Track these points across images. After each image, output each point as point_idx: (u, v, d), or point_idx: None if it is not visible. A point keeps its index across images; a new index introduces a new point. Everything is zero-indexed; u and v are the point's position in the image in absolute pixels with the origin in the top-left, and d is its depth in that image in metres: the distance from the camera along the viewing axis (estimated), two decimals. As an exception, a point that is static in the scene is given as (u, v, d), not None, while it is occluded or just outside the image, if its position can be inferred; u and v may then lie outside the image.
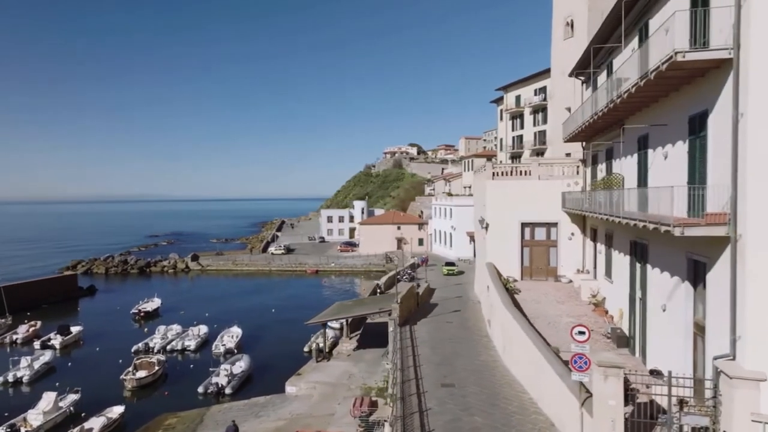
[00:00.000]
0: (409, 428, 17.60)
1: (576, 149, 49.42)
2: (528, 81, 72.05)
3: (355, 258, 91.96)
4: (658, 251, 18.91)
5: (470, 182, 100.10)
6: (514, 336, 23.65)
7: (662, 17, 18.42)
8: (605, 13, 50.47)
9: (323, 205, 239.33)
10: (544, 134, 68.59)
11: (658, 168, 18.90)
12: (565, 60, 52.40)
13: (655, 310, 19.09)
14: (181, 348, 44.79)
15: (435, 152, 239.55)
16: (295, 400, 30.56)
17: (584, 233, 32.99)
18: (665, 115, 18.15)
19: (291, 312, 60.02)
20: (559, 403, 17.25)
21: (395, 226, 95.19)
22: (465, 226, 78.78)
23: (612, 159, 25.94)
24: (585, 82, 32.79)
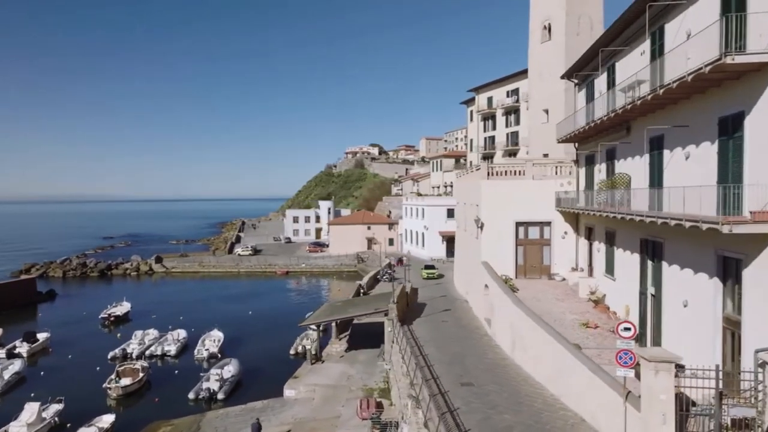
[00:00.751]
0: (445, 427, 17.43)
1: (554, 150, 50.66)
2: (500, 83, 73.24)
3: (326, 258, 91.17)
4: (676, 248, 19.48)
5: (439, 182, 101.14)
6: (527, 334, 23.93)
7: (681, 22, 19.00)
8: (582, 18, 51.72)
9: (284, 205, 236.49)
10: (516, 135, 69.89)
11: (677, 168, 19.47)
12: (542, 63, 53.69)
13: (673, 306, 19.67)
14: (161, 353, 43.18)
15: (396, 152, 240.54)
16: (296, 404, 29.92)
17: (577, 232, 33.73)
18: (685, 117, 18.70)
19: (269, 314, 59.06)
20: (592, 399, 17.53)
21: (365, 226, 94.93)
22: (437, 226, 79.53)
23: (614, 159, 26.59)
24: (578, 85, 33.43)
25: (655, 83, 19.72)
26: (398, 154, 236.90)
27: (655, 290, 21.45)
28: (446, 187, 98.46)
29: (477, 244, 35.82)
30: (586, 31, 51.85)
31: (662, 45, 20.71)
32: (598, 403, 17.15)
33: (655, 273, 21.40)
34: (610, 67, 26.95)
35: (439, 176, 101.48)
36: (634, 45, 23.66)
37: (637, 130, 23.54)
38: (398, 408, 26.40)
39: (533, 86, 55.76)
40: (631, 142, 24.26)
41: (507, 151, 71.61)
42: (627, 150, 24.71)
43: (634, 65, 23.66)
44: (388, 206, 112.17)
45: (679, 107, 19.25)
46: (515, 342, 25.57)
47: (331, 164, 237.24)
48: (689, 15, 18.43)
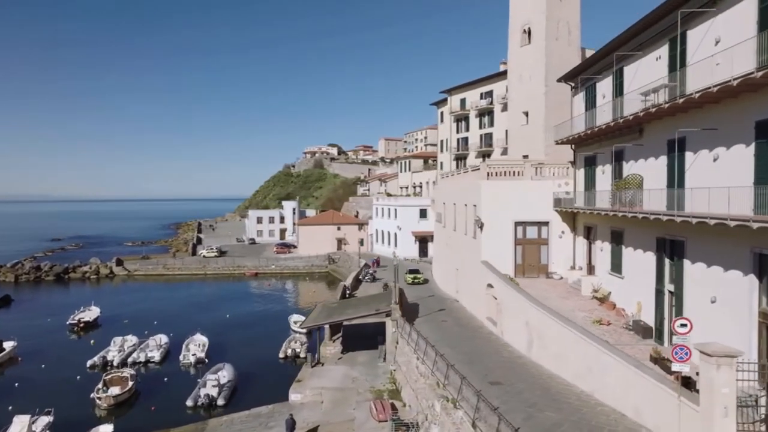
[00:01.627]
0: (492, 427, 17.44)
1: (534, 152, 51.79)
2: (474, 85, 74.18)
3: (296, 259, 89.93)
4: (701, 247, 20.22)
5: (407, 183, 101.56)
6: (548, 332, 24.32)
7: (708, 29, 19.74)
8: (560, 23, 52.89)
9: (241, 205, 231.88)
10: (490, 137, 70.97)
11: (702, 169, 20.21)
12: (522, 66, 54.77)
13: (698, 302, 20.41)
14: (144, 360, 41.40)
15: (356, 153, 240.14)
16: (303, 408, 29.29)
17: (575, 231, 34.59)
18: (714, 120, 19.44)
19: (247, 317, 57.77)
20: (634, 394, 17.98)
21: (335, 226, 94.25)
22: (410, 226, 79.85)
23: (622, 161, 27.38)
24: (575, 88, 34.26)
25: (682, 87, 20.48)
26: (358, 154, 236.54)
27: (676, 288, 22.21)
28: (415, 187, 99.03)
29: (475, 244, 36.13)
30: (564, 35, 53.32)
31: (684, 51, 21.48)
32: (642, 398, 17.60)
33: (676, 271, 22.15)
34: (617, 71, 27.72)
35: (408, 177, 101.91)
36: (648, 50, 24.41)
37: (651, 133, 24.34)
38: (414, 409, 26.33)
39: (513, 89, 56.75)
40: (643, 144, 25.05)
41: (480, 153, 72.62)
42: (639, 152, 25.48)
43: (647, 70, 24.48)
44: (355, 206, 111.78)
45: (705, 111, 19.96)
46: (533, 340, 25.94)
47: (290, 164, 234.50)
48: (718, 23, 19.16)
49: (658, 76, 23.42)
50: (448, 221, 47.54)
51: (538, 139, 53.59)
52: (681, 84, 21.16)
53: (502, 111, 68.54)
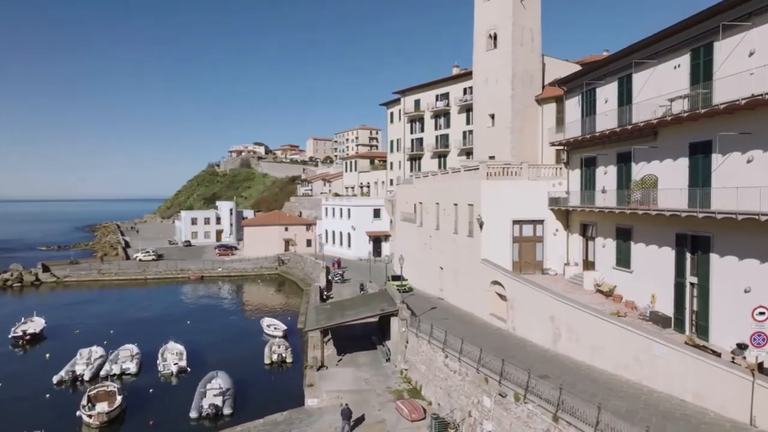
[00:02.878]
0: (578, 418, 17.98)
1: (501, 153, 53.54)
2: (429, 86, 75.40)
3: (243, 261, 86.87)
4: (731, 241, 21.99)
5: (354, 182, 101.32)
6: (581, 326, 25.37)
7: (740, 41, 21.50)
8: (525, 30, 54.91)
9: (162, 206, 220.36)
10: (446, 138, 72.43)
11: (733, 170, 21.94)
12: (488, 70, 56.46)
13: (728, 292, 22.17)
14: (119, 372, 38.40)
15: (285, 152, 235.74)
16: (325, 413, 28.50)
17: (568, 229, 36.25)
18: (746, 125, 21.21)
19: (210, 322, 55.27)
20: (695, 380, 19.25)
21: (283, 227, 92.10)
22: (365, 226, 79.73)
23: (631, 162, 29.07)
24: (568, 93, 35.88)
25: (708, 95, 22.19)
26: (286, 153, 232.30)
27: (700, 280, 23.96)
28: (362, 187, 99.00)
29: (472, 242, 36.83)
30: (528, 42, 55.61)
31: (709, 61, 23.23)
32: (705, 383, 18.90)
33: (700, 264, 23.91)
34: (625, 77, 29.41)
35: (354, 176, 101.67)
36: (664, 59, 26.12)
37: (667, 136, 26.06)
38: (446, 407, 26.52)
39: (479, 92, 58.34)
40: (658, 146, 26.78)
41: (436, 153, 73.95)
42: (652, 153, 27.20)
43: (663, 77, 26.20)
44: (298, 207, 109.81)
45: (735, 117, 21.70)
46: (560, 334, 26.92)
47: (214, 163, 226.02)
48: (753, 36, 20.92)
49: (677, 83, 25.19)
50: (427, 221, 48.02)
51: (504, 140, 55.49)
52: (705, 91, 22.94)
53: (458, 113, 70.28)
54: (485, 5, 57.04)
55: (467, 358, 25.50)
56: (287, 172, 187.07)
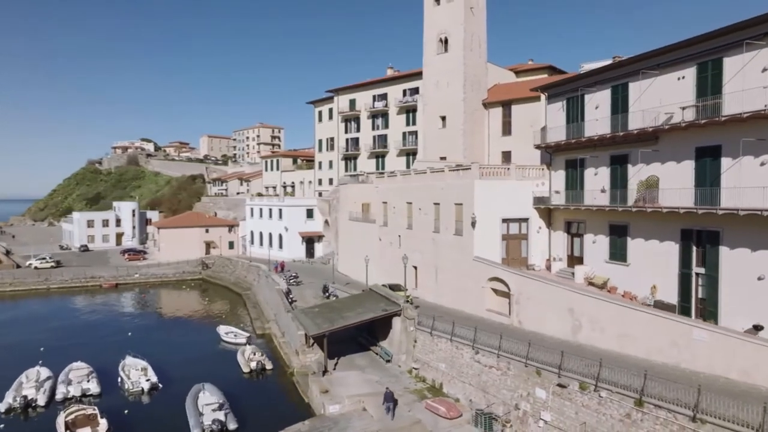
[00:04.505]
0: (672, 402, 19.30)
1: (452, 154, 55.45)
2: (366, 86, 75.43)
3: (162, 267, 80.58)
4: (743, 235, 24.84)
5: (276, 182, 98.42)
6: (605, 315, 27.12)
7: (753, 57, 24.35)
8: (474, 36, 57.23)
9: (33, 207, 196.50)
10: (384, 138, 72.94)
11: (743, 172, 24.78)
12: (439, 73, 58.04)
13: (739, 280, 25.01)
14: (80, 394, 34.03)
15: (177, 149, 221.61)
16: (352, 418, 27.57)
17: (550, 227, 38.39)
18: (752, 133, 24.08)
19: (155, 333, 50.95)
20: (742, 358, 21.54)
21: (203, 228, 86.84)
22: (298, 227, 77.86)
23: (627, 164, 31.57)
24: (551, 98, 37.92)
25: (717, 105, 24.94)
26: (179, 151, 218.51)
27: (708, 270, 26.73)
28: (286, 186, 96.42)
29: (463, 241, 37.61)
30: (476, 48, 58.08)
31: (718, 75, 26.01)
32: (751, 362, 21.21)
33: (709, 256, 26.67)
34: (620, 86, 31.84)
35: (276, 176, 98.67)
36: (667, 70, 28.72)
37: (670, 141, 28.69)
38: (480, 402, 26.95)
39: (429, 94, 59.64)
40: (659, 150, 29.40)
41: (373, 153, 74.21)
42: (651, 156, 29.77)
43: (665, 87, 28.79)
44: (212, 207, 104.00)
45: (745, 125, 24.53)
46: (580, 326, 28.51)
47: (95, 160, 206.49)
48: (766, 54, 23.80)
49: (680, 93, 27.85)
50: (395, 221, 48.10)
51: (456, 142, 57.46)
52: (715, 102, 25.72)
53: (398, 114, 71.15)
54: (436, 9, 58.49)
55: (507, 352, 26.10)
56: (183, 170, 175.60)
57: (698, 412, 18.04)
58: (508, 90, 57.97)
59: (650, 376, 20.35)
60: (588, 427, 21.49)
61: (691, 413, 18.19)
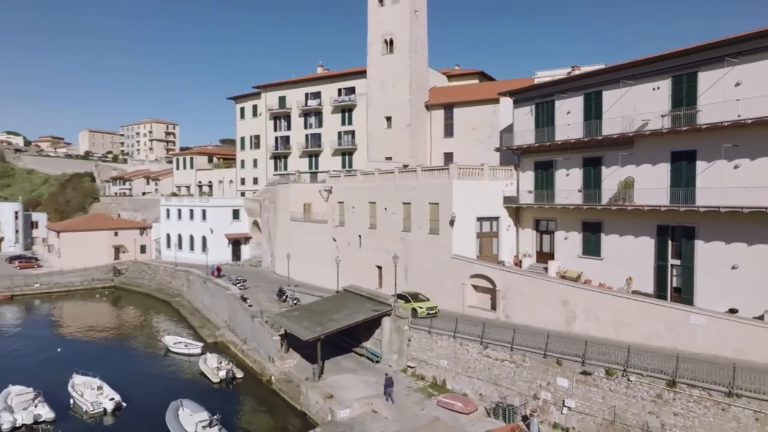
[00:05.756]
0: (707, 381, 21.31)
1: (398, 154, 56.49)
2: (298, 83, 73.58)
3: (66, 274, 72.40)
4: (718, 230, 28.09)
5: (189, 181, 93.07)
6: (600, 306, 29.19)
7: (726, 73, 27.64)
8: (418, 39, 58.55)
9: None
10: (318, 137, 71.76)
11: (718, 173, 28.01)
12: (385, 73, 58.71)
13: (714, 270, 28.25)
14: (31, 421, 29.96)
15: (53, 144, 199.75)
16: (366, 421, 26.95)
17: (518, 224, 40.37)
18: (727, 140, 27.36)
19: (93, 347, 46.12)
20: (737, 338, 24.37)
21: (112, 231, 79.49)
22: (223, 228, 74.32)
23: (600, 166, 34.20)
24: (518, 102, 39.87)
25: (692, 114, 28.05)
26: (55, 146, 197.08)
27: (684, 261, 29.84)
28: (201, 186, 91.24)
29: (440, 240, 38.25)
30: (420, 50, 59.46)
31: (693, 87, 29.12)
32: (745, 341, 24.08)
33: (685, 249, 29.77)
34: (594, 93, 34.38)
35: (190, 174, 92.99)
36: (642, 81, 31.55)
37: (645, 145, 31.56)
38: (493, 395, 27.80)
39: (373, 94, 59.90)
40: (633, 153, 32.23)
41: (306, 152, 72.68)
42: (626, 159, 32.54)
43: (639, 96, 31.63)
44: (115, 208, 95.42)
45: (720, 132, 27.76)
46: (575, 316, 30.36)
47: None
48: (739, 71, 27.10)
49: (655, 102, 30.80)
50: (354, 221, 47.65)
51: (402, 142, 58.34)
52: (691, 111, 28.85)
53: (332, 113, 70.37)
54: (381, 11, 58.94)
55: (522, 345, 27.15)
56: (63, 168, 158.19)
57: (734, 388, 20.15)
58: (449, 93, 59.88)
59: (681, 359, 22.29)
60: (617, 410, 23.06)
61: (726, 389, 20.28)
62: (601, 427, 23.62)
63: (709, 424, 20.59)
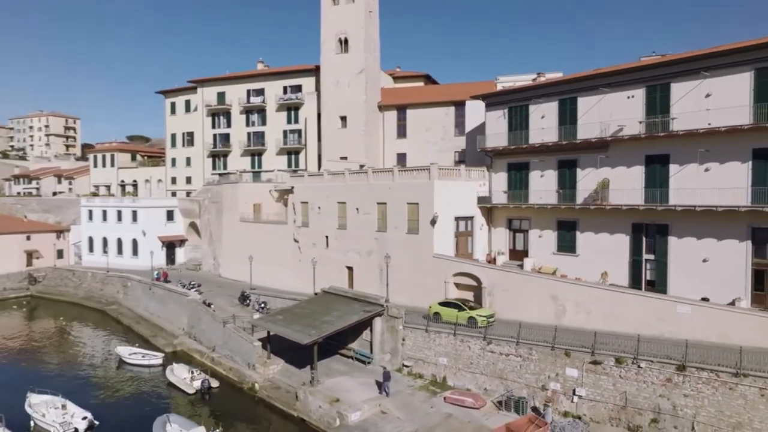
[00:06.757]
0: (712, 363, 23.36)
1: (354, 154, 56.69)
2: (239, 79, 70.76)
3: (-30, 283, 64.45)
4: (690, 227, 30.92)
5: (109, 179, 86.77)
6: (589, 298, 31.01)
7: (697, 85, 30.53)
8: (372, 38, 59.08)
9: None
10: (262, 135, 69.62)
11: (691, 176, 30.83)
12: (339, 73, 58.43)
13: (686, 264, 31.08)
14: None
15: None
16: (378, 423, 26.67)
17: (491, 224, 41.76)
18: (699, 145, 30.27)
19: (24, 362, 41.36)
20: (721, 324, 27.00)
21: (24, 235, 71.79)
22: (156, 230, 69.84)
23: (576, 168, 36.32)
24: (490, 105, 41.24)
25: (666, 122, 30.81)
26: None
27: (658, 256, 32.51)
28: (125, 185, 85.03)
29: (420, 239, 38.55)
30: (373, 51, 59.68)
31: (666, 96, 31.84)
32: (728, 327, 26.73)
33: (659, 245, 32.45)
34: (569, 99, 36.44)
35: (111, 173, 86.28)
36: (617, 89, 33.95)
37: (620, 149, 33.99)
38: (499, 389, 28.67)
39: (328, 93, 59.23)
40: (609, 156, 34.58)
41: (248, 151, 70.16)
42: (602, 161, 34.83)
43: (614, 104, 34.03)
44: (21, 209, 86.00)
45: (692, 138, 30.60)
46: (564, 310, 31.96)
47: None
48: (710, 82, 30.03)
49: (630, 109, 33.29)
50: (320, 221, 46.78)
51: (358, 142, 58.22)
52: (665, 119, 31.59)
53: (277, 111, 68.68)
54: (334, 9, 58.53)
55: (528, 340, 28.22)
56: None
57: (741, 368, 22.35)
58: (402, 94, 60.58)
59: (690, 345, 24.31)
60: (629, 395, 24.69)
61: (734, 370, 22.45)
62: (612, 412, 25.16)
63: (718, 402, 22.66)
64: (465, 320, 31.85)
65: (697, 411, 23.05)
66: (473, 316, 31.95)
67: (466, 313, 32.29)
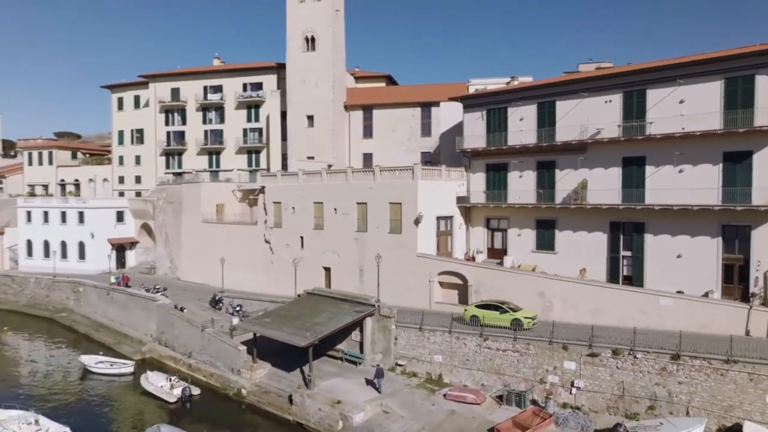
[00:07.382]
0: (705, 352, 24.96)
1: (321, 153, 56.48)
2: (195, 75, 68.09)
3: None
4: (664, 225, 32.93)
5: (48, 179, 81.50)
6: (576, 295, 32.35)
7: (671, 92, 32.58)
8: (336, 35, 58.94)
9: None
10: (220, 133, 67.45)
11: (666, 177, 32.83)
12: (306, 71, 57.94)
13: (662, 259, 33.07)
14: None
15: None
16: (383, 423, 26.58)
17: (469, 223, 42.58)
18: (674, 149, 32.33)
19: None
20: (701, 315, 28.96)
21: (-47, 238, 65.99)
22: (105, 233, 66.20)
23: (554, 169, 37.72)
24: (468, 107, 42.05)
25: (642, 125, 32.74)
26: None
27: (634, 253, 34.36)
28: (64, 185, 79.86)
29: (403, 239, 38.73)
30: (339, 50, 59.41)
31: (642, 102, 33.72)
32: (710, 316, 28.70)
33: (636, 242, 34.30)
34: (548, 103, 37.79)
35: (48, 171, 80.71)
36: (595, 94, 35.61)
37: (597, 151, 35.65)
38: (496, 383, 29.39)
39: (294, 92, 58.36)
40: (587, 158, 36.19)
41: (205, 150, 67.76)
42: (580, 163, 36.41)
43: (592, 108, 35.68)
44: (-56, 211, 78.85)
45: (666, 142, 32.63)
46: (552, 306, 33.13)
47: None
48: (683, 90, 32.10)
49: (607, 113, 35.01)
50: (295, 222, 45.95)
51: (325, 142, 57.71)
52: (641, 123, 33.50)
53: (236, 108, 66.93)
54: (300, 7, 57.91)
55: (525, 335, 29.05)
56: None
57: (731, 356, 24.06)
58: (368, 94, 60.57)
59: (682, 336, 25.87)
60: (626, 385, 25.96)
61: (725, 357, 24.14)
62: (610, 402, 26.36)
63: (711, 388, 24.27)
64: (508, 323, 30.49)
65: (692, 397, 24.58)
66: (518, 318, 30.48)
67: (509, 315, 30.86)
